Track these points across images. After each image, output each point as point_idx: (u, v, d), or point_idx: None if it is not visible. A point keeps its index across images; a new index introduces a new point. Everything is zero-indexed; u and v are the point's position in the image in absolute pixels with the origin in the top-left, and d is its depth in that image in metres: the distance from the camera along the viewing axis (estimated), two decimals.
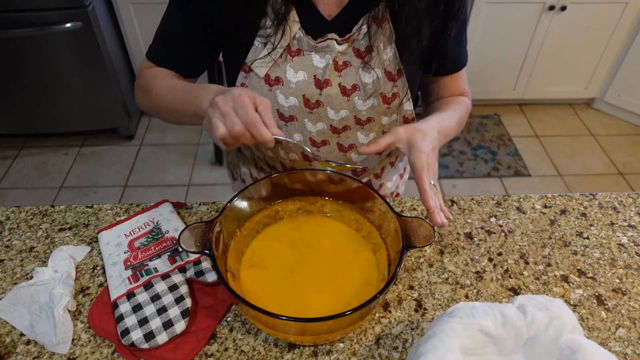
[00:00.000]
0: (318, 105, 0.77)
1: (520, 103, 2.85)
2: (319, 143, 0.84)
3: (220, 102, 0.60)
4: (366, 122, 0.80)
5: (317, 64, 0.74)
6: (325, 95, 0.76)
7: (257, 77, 0.76)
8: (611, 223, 0.85)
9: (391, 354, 0.65)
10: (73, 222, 0.84)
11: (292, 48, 0.74)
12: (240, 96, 0.60)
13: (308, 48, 0.73)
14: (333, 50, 0.73)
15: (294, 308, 0.65)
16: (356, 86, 0.76)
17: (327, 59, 0.74)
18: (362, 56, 0.74)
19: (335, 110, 0.78)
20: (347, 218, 0.77)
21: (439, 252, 0.79)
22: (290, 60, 0.74)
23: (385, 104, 0.77)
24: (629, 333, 0.68)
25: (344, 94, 0.76)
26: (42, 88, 2.25)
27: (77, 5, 2.00)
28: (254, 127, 0.59)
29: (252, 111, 0.59)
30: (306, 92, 0.76)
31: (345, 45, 0.73)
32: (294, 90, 0.76)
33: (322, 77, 0.75)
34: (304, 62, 0.74)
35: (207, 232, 0.64)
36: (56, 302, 0.67)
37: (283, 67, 0.75)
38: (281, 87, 0.76)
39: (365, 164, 0.89)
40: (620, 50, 2.52)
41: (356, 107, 0.78)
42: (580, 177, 2.40)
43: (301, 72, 0.75)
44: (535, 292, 0.73)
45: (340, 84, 0.76)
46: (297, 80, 0.75)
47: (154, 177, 2.39)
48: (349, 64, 0.75)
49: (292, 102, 0.77)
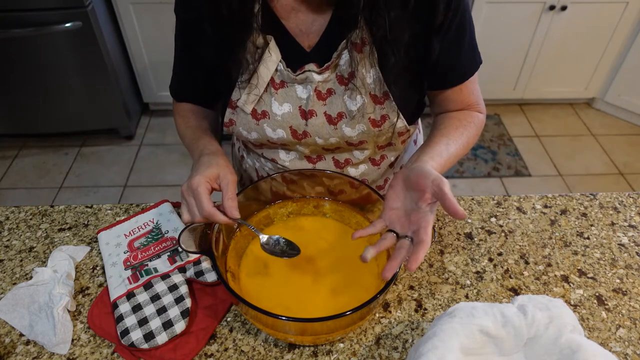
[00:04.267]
0: (305, 135, 0.77)
1: (520, 103, 2.85)
2: (314, 159, 0.83)
3: (184, 192, 0.67)
4: (359, 144, 0.79)
5: (300, 94, 0.74)
6: (312, 126, 0.75)
7: (244, 113, 0.76)
8: (612, 223, 0.85)
9: (391, 354, 0.65)
10: (73, 222, 0.84)
11: (276, 80, 0.73)
12: (198, 187, 0.65)
13: (289, 80, 0.73)
14: (313, 81, 0.72)
15: (294, 308, 0.65)
16: (342, 114, 0.74)
17: (308, 89, 0.73)
18: (346, 83, 0.72)
19: (324, 139, 0.77)
20: (347, 219, 0.77)
21: (439, 252, 0.79)
22: (275, 94, 0.74)
23: (375, 127, 0.75)
24: (630, 333, 0.68)
25: (331, 123, 0.75)
26: (42, 88, 2.25)
27: (76, 5, 1.99)
28: (212, 218, 0.64)
29: (207, 203, 0.64)
30: (292, 123, 0.76)
31: (325, 74, 0.71)
32: (281, 123, 0.75)
33: (306, 107, 0.74)
34: (288, 94, 0.74)
35: (207, 232, 0.64)
36: (56, 302, 0.67)
37: (268, 100, 0.74)
38: (268, 121, 0.76)
39: (365, 176, 0.89)
40: (621, 50, 2.52)
41: (345, 134, 0.76)
42: (581, 177, 2.40)
43: (286, 104, 0.74)
44: (536, 292, 0.73)
45: (325, 113, 0.74)
46: (282, 113, 0.75)
47: (154, 177, 2.39)
48: (333, 91, 0.73)
49: (280, 135, 0.77)
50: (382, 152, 0.86)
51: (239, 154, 1.03)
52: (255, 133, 0.78)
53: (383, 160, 0.87)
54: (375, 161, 0.86)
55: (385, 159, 0.87)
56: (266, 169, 0.91)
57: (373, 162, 0.86)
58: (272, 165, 0.89)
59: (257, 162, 0.93)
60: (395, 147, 0.86)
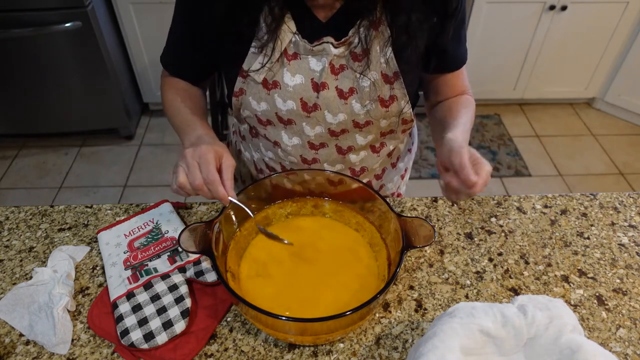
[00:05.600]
0: (316, 108, 0.77)
1: (520, 103, 2.85)
2: (317, 146, 0.84)
3: (188, 155, 0.66)
4: (364, 125, 0.80)
5: (313, 67, 0.74)
6: (323, 98, 0.76)
7: (255, 82, 0.76)
8: (612, 223, 0.85)
9: (391, 354, 0.65)
10: (72, 222, 0.84)
11: (289, 52, 0.74)
12: (207, 153, 0.66)
13: (304, 52, 0.73)
14: (329, 54, 0.73)
15: (294, 308, 0.65)
16: (353, 89, 0.76)
17: (323, 62, 0.74)
18: (359, 59, 0.74)
19: (333, 114, 0.78)
20: (347, 218, 0.77)
21: (439, 252, 0.79)
22: (288, 64, 0.74)
23: (384, 107, 0.77)
24: (630, 333, 0.68)
25: (341, 97, 0.76)
26: (42, 88, 2.25)
27: (76, 5, 2.00)
28: (212, 185, 0.64)
29: (213, 170, 0.65)
30: (304, 95, 0.76)
31: (341, 48, 0.73)
32: (292, 94, 0.76)
33: (319, 80, 0.75)
34: (301, 66, 0.74)
35: (207, 232, 0.64)
36: (55, 302, 0.67)
37: (280, 71, 0.75)
38: (279, 91, 0.76)
39: (364, 164, 0.89)
40: (621, 50, 2.52)
41: (354, 111, 0.77)
42: (581, 177, 2.40)
43: (298, 75, 0.75)
44: (536, 292, 0.73)
45: (337, 87, 0.76)
46: (294, 84, 0.75)
47: (153, 177, 2.39)
48: (346, 67, 0.75)
49: (290, 106, 0.77)
50: (383, 140, 0.87)
51: (236, 148, 1.03)
52: (264, 103, 0.78)
53: (382, 148, 0.89)
54: (375, 148, 0.88)
55: (384, 146, 0.89)
56: (266, 159, 0.91)
57: (373, 149, 0.88)
58: (272, 153, 0.88)
59: (256, 154, 0.93)
60: (395, 136, 0.88)
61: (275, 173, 0.76)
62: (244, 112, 0.83)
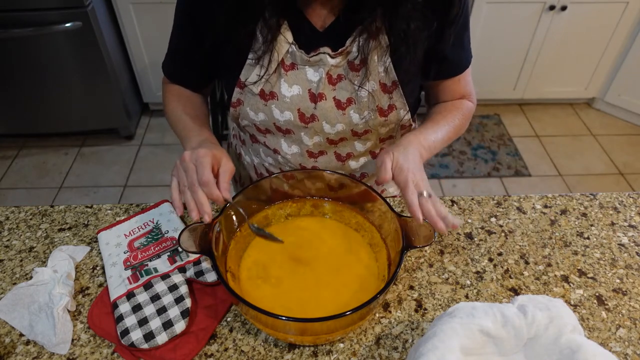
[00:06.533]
0: (313, 119, 0.77)
1: (520, 103, 2.85)
2: (316, 154, 0.83)
3: (186, 157, 0.67)
4: (363, 133, 0.79)
5: (311, 77, 0.74)
6: (320, 109, 0.75)
7: (252, 94, 0.76)
8: (612, 223, 0.85)
9: (391, 354, 0.65)
10: (73, 222, 0.84)
11: (286, 62, 0.73)
12: (204, 156, 0.66)
13: (301, 62, 0.73)
14: (326, 64, 0.72)
15: (294, 308, 0.65)
16: (351, 100, 0.75)
17: (320, 72, 0.73)
18: (357, 69, 0.73)
19: (330, 124, 0.77)
20: (347, 219, 0.77)
21: (439, 252, 0.79)
22: (285, 75, 0.74)
23: (382, 116, 0.76)
24: (630, 333, 0.68)
25: (339, 108, 0.75)
26: (42, 88, 2.25)
27: (76, 5, 1.99)
28: (207, 186, 0.64)
29: (209, 172, 0.65)
30: (301, 106, 0.76)
31: (338, 58, 0.72)
32: (289, 105, 0.75)
33: (316, 90, 0.74)
34: (298, 76, 0.74)
35: (207, 232, 0.64)
36: (56, 302, 0.67)
37: (278, 82, 0.74)
38: (276, 102, 0.76)
39: (364, 169, 0.89)
40: (621, 50, 2.52)
41: (352, 121, 0.77)
42: (581, 177, 2.40)
43: (295, 86, 0.74)
44: (536, 292, 0.73)
45: (335, 98, 0.75)
46: (291, 95, 0.75)
47: (153, 177, 2.39)
48: (344, 77, 0.73)
49: (288, 117, 0.77)
50: (382, 145, 0.87)
51: (236, 152, 1.03)
52: (262, 114, 0.78)
53: None
54: (374, 154, 0.88)
55: None
56: (266, 164, 0.91)
57: (373, 154, 0.88)
58: (272, 159, 0.88)
59: (256, 158, 0.93)
60: (395, 141, 0.87)
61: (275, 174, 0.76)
62: (242, 121, 0.83)
